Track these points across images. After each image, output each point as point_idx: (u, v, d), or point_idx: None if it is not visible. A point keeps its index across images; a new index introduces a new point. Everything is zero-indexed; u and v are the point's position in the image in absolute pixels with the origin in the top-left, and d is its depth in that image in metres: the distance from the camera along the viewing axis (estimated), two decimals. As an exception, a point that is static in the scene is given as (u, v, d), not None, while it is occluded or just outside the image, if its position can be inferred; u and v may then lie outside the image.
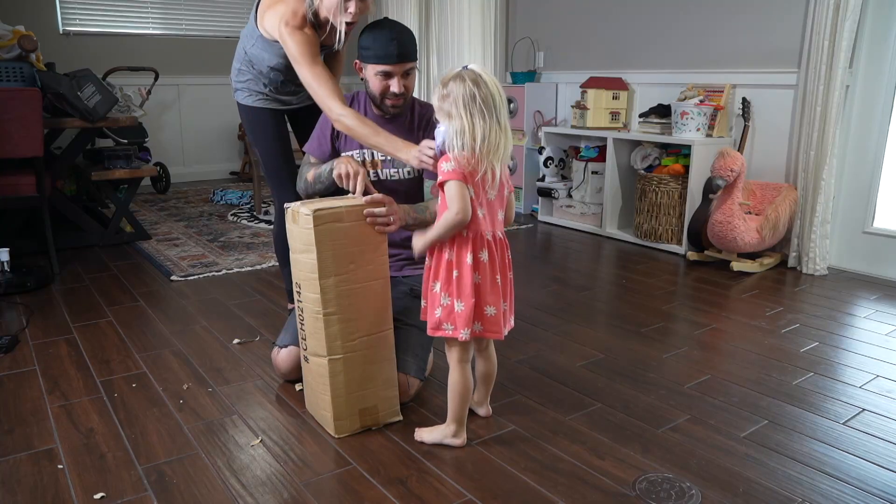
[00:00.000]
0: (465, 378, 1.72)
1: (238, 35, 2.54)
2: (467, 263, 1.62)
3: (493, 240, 1.66)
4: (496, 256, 1.66)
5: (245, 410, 1.96)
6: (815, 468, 1.68)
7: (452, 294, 1.64)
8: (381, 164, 2.11)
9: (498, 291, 1.66)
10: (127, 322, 2.65)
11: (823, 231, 3.32)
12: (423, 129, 2.10)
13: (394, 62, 1.94)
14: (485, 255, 1.64)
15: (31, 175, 3.19)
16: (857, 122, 3.31)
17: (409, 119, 2.10)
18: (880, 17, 3.17)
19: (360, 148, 2.11)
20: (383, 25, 1.96)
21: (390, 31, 1.93)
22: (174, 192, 5.57)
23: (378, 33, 1.94)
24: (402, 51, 1.94)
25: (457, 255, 1.64)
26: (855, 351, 2.43)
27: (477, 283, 1.63)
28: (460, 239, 1.63)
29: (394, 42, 1.92)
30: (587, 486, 1.60)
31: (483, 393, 1.89)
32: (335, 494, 1.56)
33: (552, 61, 4.81)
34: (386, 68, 1.95)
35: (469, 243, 1.62)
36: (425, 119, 2.11)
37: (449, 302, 1.65)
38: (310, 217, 1.67)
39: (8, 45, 3.36)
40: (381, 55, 1.94)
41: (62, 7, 5.36)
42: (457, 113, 1.57)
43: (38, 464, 1.68)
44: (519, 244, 4.01)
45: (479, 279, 1.63)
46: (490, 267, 1.65)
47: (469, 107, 1.55)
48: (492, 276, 1.65)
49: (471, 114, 1.55)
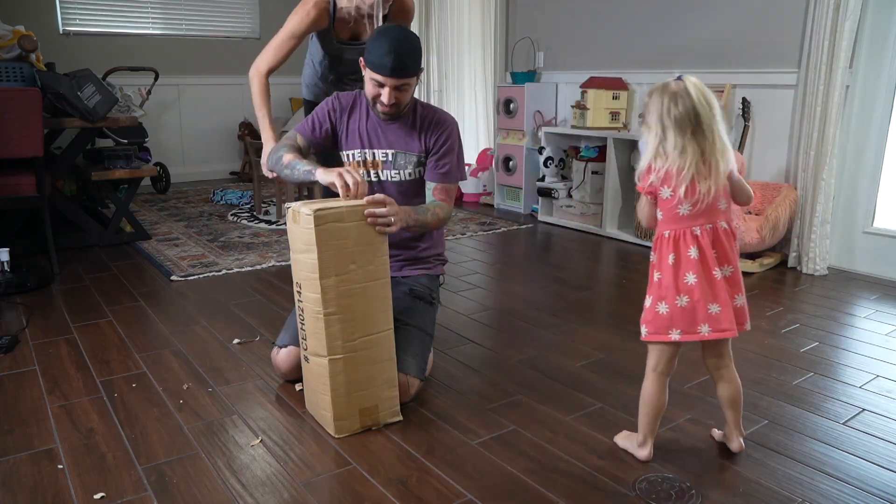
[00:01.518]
0: (656, 389, 1.65)
1: (237, 35, 2.60)
2: (668, 264, 1.57)
3: (709, 232, 1.57)
4: (708, 251, 1.56)
5: (245, 410, 1.96)
6: (815, 468, 1.68)
7: (655, 296, 1.60)
8: (381, 164, 2.11)
9: (719, 286, 1.57)
10: (127, 322, 2.65)
11: (823, 231, 3.32)
12: (424, 132, 2.09)
13: (386, 75, 1.91)
14: (694, 251, 1.56)
15: (31, 175, 3.19)
16: (857, 122, 3.31)
17: (412, 120, 2.09)
18: (880, 17, 3.17)
19: (362, 147, 2.11)
20: (388, 34, 1.92)
21: (390, 43, 1.88)
22: (174, 192, 5.57)
23: (380, 41, 1.90)
24: (397, 65, 1.89)
25: (658, 257, 1.60)
26: (855, 351, 2.43)
27: (691, 283, 1.56)
28: (661, 240, 1.60)
29: (390, 55, 1.88)
30: (587, 486, 1.60)
31: (732, 421, 1.72)
32: (335, 494, 1.56)
33: (552, 61, 4.81)
34: (378, 78, 1.93)
35: (670, 243, 1.58)
36: (427, 121, 2.09)
37: (650, 303, 1.61)
38: (311, 217, 1.67)
39: (8, 45, 3.36)
40: (377, 64, 1.91)
41: (62, 7, 5.36)
42: (653, 124, 1.53)
43: (38, 464, 1.68)
44: (519, 244, 4.01)
45: (693, 279, 1.56)
46: (702, 263, 1.56)
47: (663, 120, 1.51)
48: (708, 273, 1.57)
49: (664, 127, 1.51)
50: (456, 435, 1.82)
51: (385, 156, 2.10)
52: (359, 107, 2.12)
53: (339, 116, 2.12)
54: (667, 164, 1.53)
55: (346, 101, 2.12)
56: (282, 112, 6.50)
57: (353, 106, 2.12)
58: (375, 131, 2.10)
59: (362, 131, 2.10)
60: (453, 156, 2.11)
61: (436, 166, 2.09)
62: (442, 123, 2.10)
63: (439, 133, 2.09)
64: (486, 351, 2.40)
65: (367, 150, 2.10)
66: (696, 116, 1.50)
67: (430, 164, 2.10)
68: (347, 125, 2.12)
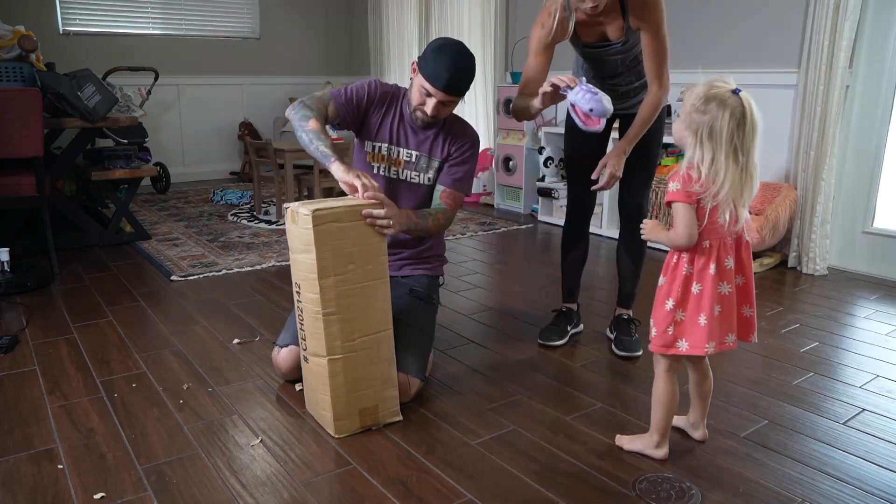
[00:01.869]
0: (672, 388, 1.66)
1: (237, 35, 2.54)
2: (710, 275, 1.55)
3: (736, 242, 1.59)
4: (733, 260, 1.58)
5: (245, 410, 1.96)
6: (815, 468, 1.68)
7: (690, 309, 1.57)
8: (404, 163, 2.13)
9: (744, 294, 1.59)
10: (127, 322, 2.65)
11: (823, 231, 3.32)
12: (449, 139, 2.12)
13: (440, 88, 1.93)
14: (730, 261, 1.57)
15: (31, 175, 3.19)
16: (857, 122, 3.31)
17: (440, 127, 2.12)
18: (880, 17, 3.17)
19: (390, 143, 2.11)
20: (451, 50, 1.93)
21: (453, 61, 1.92)
22: (174, 192, 5.57)
23: (444, 54, 1.92)
24: (452, 84, 1.93)
25: (697, 268, 1.57)
26: (855, 351, 2.43)
27: (726, 293, 1.57)
28: (700, 250, 1.56)
29: (450, 72, 1.91)
30: (587, 486, 1.60)
31: (699, 412, 1.77)
32: (335, 494, 1.56)
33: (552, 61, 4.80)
34: (430, 89, 1.95)
35: (713, 252, 1.55)
36: (454, 130, 2.12)
37: (684, 317, 1.59)
38: (309, 217, 1.67)
39: (8, 45, 3.36)
40: (433, 76, 1.93)
41: (62, 7, 5.36)
42: (705, 139, 1.47)
43: (38, 464, 1.67)
44: (519, 244, 4.01)
45: (728, 289, 1.57)
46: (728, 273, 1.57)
47: (719, 139, 1.45)
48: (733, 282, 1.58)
49: (718, 145, 1.46)
50: (456, 435, 1.82)
51: (409, 156, 2.12)
52: (396, 105, 2.12)
53: (373, 106, 2.11)
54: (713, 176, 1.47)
55: (383, 95, 2.12)
56: (281, 112, 6.51)
57: (391, 103, 2.12)
58: (405, 131, 2.12)
59: (393, 128, 2.12)
60: (468, 167, 2.14)
61: (449, 171, 2.12)
62: (467, 136, 2.14)
63: (462, 143, 2.12)
64: (486, 351, 2.40)
65: (393, 146, 2.12)
66: (742, 136, 1.46)
67: (444, 169, 2.13)
68: (381, 118, 2.12)
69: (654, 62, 2.06)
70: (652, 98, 2.10)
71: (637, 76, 2.22)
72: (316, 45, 6.67)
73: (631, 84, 2.24)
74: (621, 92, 2.24)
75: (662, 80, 2.08)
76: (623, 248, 2.41)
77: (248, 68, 6.28)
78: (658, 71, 2.07)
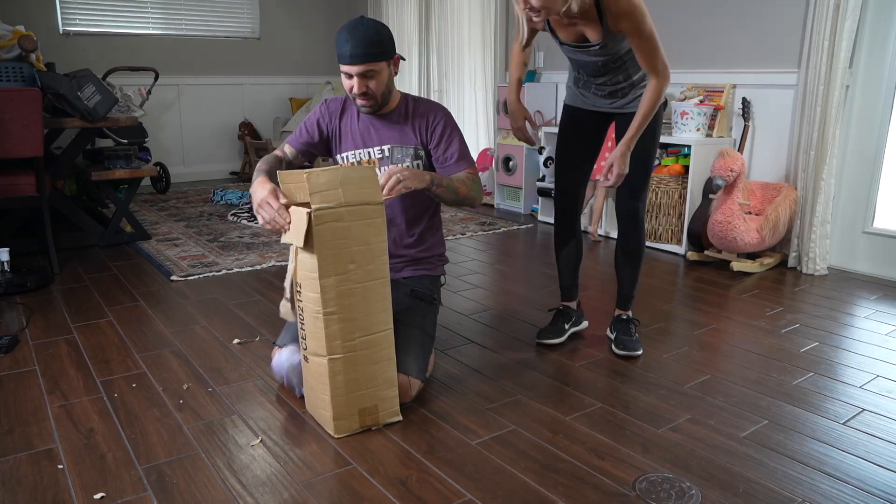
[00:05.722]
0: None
1: (237, 35, 2.55)
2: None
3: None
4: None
5: (245, 410, 1.96)
6: (815, 468, 1.68)
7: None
8: (378, 162, 2.12)
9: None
10: (127, 322, 2.65)
11: (823, 231, 3.32)
12: (415, 122, 2.08)
13: (346, 62, 1.92)
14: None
15: (31, 175, 3.19)
16: (857, 122, 3.31)
17: (403, 114, 2.09)
18: (880, 17, 3.17)
19: (356, 147, 2.11)
20: (347, 25, 1.93)
21: (349, 33, 1.90)
22: (174, 192, 5.57)
23: (340, 33, 1.92)
24: (356, 52, 1.89)
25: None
26: (855, 351, 2.43)
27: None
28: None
29: (348, 43, 1.89)
30: (587, 486, 1.60)
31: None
32: (335, 494, 1.56)
33: (552, 61, 4.81)
34: (344, 69, 1.94)
35: None
36: (417, 112, 2.09)
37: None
38: (309, 216, 1.67)
39: (8, 45, 3.36)
40: (340, 56, 1.93)
41: (62, 7, 5.36)
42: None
43: (38, 464, 1.68)
44: (519, 244, 4.01)
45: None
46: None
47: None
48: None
49: None
50: (456, 435, 1.82)
51: (381, 152, 2.11)
52: (349, 108, 2.12)
53: (330, 121, 2.12)
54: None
55: (334, 106, 2.14)
56: (281, 112, 6.51)
57: (344, 109, 2.13)
58: (368, 130, 2.10)
59: (355, 132, 2.11)
60: (456, 141, 2.10)
61: (446, 158, 2.09)
62: (431, 111, 2.10)
63: (431, 120, 2.09)
64: (486, 351, 2.40)
65: (361, 150, 2.11)
66: None
67: (439, 159, 2.10)
68: (340, 128, 2.12)
69: (645, 59, 2.03)
70: (651, 90, 2.05)
71: (625, 76, 2.20)
72: (316, 45, 6.68)
73: (618, 84, 2.21)
74: (608, 91, 2.24)
75: (658, 70, 2.04)
76: (621, 251, 2.41)
77: (248, 68, 6.28)
78: (651, 64, 2.03)
